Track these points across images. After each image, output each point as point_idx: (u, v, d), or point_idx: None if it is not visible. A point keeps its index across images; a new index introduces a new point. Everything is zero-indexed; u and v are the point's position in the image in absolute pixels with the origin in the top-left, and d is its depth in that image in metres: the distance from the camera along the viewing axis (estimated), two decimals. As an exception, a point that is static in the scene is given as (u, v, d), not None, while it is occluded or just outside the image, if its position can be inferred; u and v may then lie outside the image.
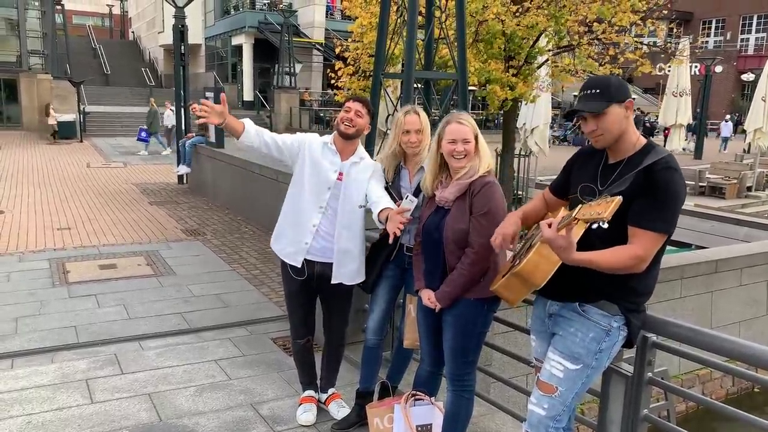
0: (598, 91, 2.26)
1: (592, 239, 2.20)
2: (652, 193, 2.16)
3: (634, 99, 2.42)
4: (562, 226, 2.05)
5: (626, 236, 2.20)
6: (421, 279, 3.02)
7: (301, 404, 3.72)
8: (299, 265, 3.42)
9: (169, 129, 20.20)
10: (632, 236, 2.18)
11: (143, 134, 20.28)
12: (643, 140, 2.32)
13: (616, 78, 2.36)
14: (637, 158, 2.25)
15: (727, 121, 29.32)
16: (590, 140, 2.37)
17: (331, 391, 3.83)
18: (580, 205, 2.07)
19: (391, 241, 3.04)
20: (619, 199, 1.92)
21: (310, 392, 3.76)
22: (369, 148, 5.79)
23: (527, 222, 2.64)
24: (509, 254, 2.70)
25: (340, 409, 3.69)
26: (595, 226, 2.01)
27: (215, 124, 3.18)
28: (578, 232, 2.14)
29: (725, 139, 28.20)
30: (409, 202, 3.16)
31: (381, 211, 3.12)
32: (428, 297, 2.93)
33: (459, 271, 2.80)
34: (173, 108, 19.79)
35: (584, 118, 2.31)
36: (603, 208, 1.92)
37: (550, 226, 2.08)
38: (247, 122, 3.32)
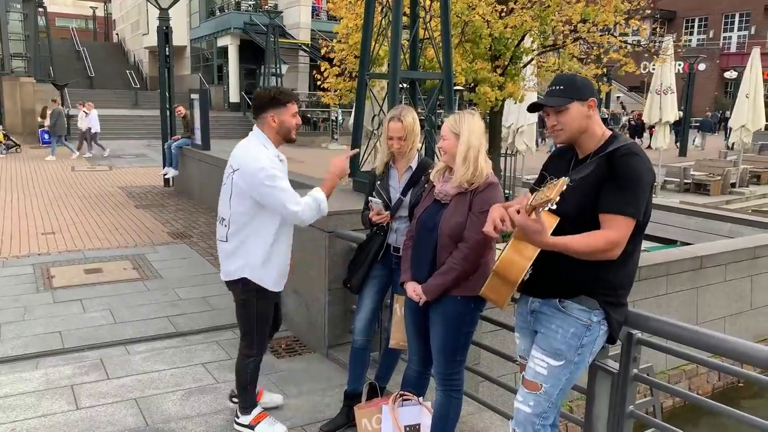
0: (561, 87, 2.34)
1: (566, 232, 2.24)
2: (615, 178, 2.22)
3: (601, 97, 2.49)
4: (529, 211, 2.09)
5: (598, 227, 2.24)
6: (408, 271, 3.02)
7: (263, 420, 3.52)
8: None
9: (84, 132, 19.33)
10: (603, 223, 2.23)
11: (46, 137, 19.02)
12: (609, 133, 2.38)
13: (582, 77, 2.43)
14: (601, 150, 2.32)
15: (709, 118, 29.82)
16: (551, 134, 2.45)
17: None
18: (535, 193, 2.13)
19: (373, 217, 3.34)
20: (564, 179, 2.01)
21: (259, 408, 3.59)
22: (357, 142, 5.79)
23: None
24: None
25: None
26: (546, 208, 2.05)
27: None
28: (551, 221, 2.18)
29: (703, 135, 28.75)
30: (376, 204, 3.36)
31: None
32: (413, 289, 2.92)
33: (450, 265, 2.80)
34: (87, 110, 19.16)
35: (547, 113, 2.39)
36: (550, 191, 1.99)
37: (518, 212, 2.13)
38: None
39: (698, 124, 29.55)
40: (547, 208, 2.05)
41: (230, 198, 3.22)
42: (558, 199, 1.98)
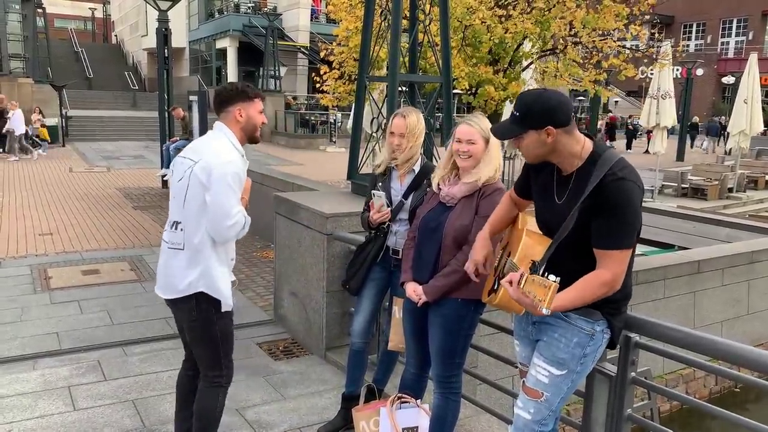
0: (518, 114, 2.21)
1: (562, 257, 2.21)
2: (606, 211, 2.12)
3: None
4: (520, 284, 2.04)
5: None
6: (408, 272, 3.01)
7: None
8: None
9: (17, 136, 18.24)
10: (599, 258, 2.17)
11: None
12: (589, 147, 2.23)
13: (542, 103, 2.18)
14: (586, 167, 2.21)
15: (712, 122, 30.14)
16: None
17: None
18: (524, 274, 2.05)
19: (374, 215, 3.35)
20: (555, 285, 1.93)
21: None
22: (356, 145, 5.79)
23: (497, 231, 2.64)
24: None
25: None
26: (539, 310, 1.98)
27: None
28: (548, 288, 2.07)
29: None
30: (378, 198, 3.33)
31: None
32: (413, 289, 2.92)
33: (453, 267, 2.80)
34: (14, 111, 18.26)
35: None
36: (543, 294, 1.94)
37: (511, 283, 2.08)
38: None
39: (704, 129, 29.92)
40: (539, 310, 1.98)
41: (185, 196, 2.80)
42: (552, 306, 1.95)
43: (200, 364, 3.02)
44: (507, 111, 12.00)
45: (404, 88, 6.08)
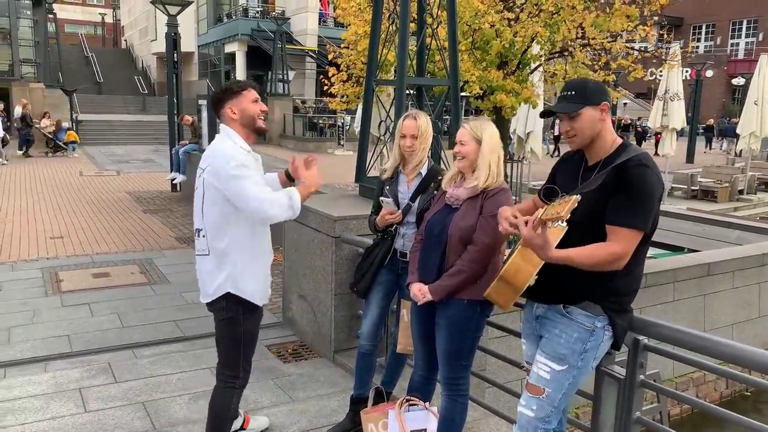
0: (573, 93, 2.34)
1: (573, 239, 2.23)
2: (625, 190, 2.21)
3: (613, 103, 2.49)
4: (536, 225, 2.09)
5: (605, 235, 2.24)
6: (415, 273, 3.03)
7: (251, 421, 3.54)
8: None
9: None
10: (610, 234, 2.23)
11: None
12: (619, 140, 2.37)
13: (594, 82, 2.42)
14: (612, 158, 2.31)
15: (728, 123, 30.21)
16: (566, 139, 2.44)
17: None
18: (545, 207, 2.12)
19: (379, 223, 3.38)
20: (576, 197, 2.00)
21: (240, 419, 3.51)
22: (363, 148, 5.81)
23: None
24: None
25: None
26: (556, 225, 2.04)
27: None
28: (557, 233, 2.18)
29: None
30: (387, 205, 3.34)
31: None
32: (419, 288, 2.93)
33: (459, 267, 2.82)
34: None
35: (561, 119, 2.39)
36: (561, 208, 2.00)
37: (527, 224, 2.13)
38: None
39: (721, 130, 29.95)
40: (556, 225, 2.05)
41: (203, 203, 2.90)
42: (568, 216, 1.99)
43: (219, 362, 3.12)
44: (521, 114, 12.01)
45: (412, 91, 6.09)
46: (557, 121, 2.53)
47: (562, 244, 2.20)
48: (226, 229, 2.88)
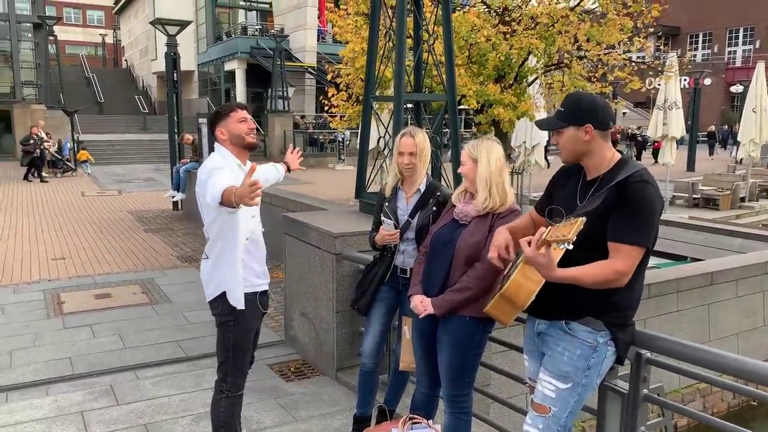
0: (563, 109, 2.37)
1: (573, 255, 2.22)
2: (626, 206, 2.21)
3: (612, 126, 2.47)
4: (540, 245, 2.08)
5: (607, 252, 2.24)
6: (417, 285, 3.02)
7: None
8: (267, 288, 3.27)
9: None
10: (612, 251, 2.23)
11: None
12: (618, 156, 2.38)
13: (592, 101, 2.36)
14: (611, 175, 2.31)
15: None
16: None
17: None
18: (549, 227, 2.11)
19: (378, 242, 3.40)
20: (582, 220, 1.97)
21: None
22: (363, 164, 5.83)
23: (515, 237, 2.65)
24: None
25: None
26: (562, 247, 2.02)
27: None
28: (559, 251, 2.16)
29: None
30: (387, 225, 3.36)
31: None
32: (420, 300, 2.92)
33: (464, 284, 2.81)
34: None
35: (552, 132, 2.45)
36: (567, 230, 1.97)
37: (530, 244, 2.13)
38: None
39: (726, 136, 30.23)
40: (561, 247, 2.01)
41: (203, 214, 3.16)
42: (575, 239, 1.95)
43: (217, 365, 3.27)
44: (520, 127, 12.05)
45: (410, 106, 6.12)
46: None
47: (563, 261, 2.19)
48: (218, 235, 3.11)
